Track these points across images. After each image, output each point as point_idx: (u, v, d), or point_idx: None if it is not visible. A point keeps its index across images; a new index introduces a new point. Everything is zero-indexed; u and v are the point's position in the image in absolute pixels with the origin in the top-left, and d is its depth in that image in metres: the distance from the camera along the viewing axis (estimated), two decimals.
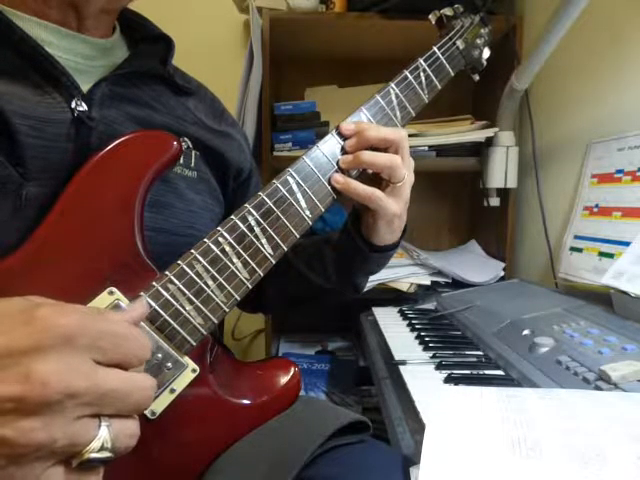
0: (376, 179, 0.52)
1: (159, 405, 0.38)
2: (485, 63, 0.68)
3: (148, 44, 0.53)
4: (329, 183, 0.49)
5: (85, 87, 0.45)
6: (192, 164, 0.52)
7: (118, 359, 0.29)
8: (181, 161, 0.51)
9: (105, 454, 0.28)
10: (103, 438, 0.28)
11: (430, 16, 0.65)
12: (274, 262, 0.45)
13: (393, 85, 0.55)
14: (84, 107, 0.43)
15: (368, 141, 0.49)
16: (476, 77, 0.67)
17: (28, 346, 0.26)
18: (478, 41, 0.65)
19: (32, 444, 0.25)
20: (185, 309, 0.40)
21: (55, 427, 0.26)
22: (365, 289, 1.04)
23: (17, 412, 0.25)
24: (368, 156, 0.48)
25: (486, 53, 0.67)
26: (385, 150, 0.50)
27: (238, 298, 0.43)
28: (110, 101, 0.46)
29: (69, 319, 0.27)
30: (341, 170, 0.49)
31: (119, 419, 0.29)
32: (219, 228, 0.42)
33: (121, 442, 0.29)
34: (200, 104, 0.58)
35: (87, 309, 0.31)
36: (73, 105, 0.43)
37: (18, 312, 0.27)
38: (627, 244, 0.73)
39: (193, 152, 0.53)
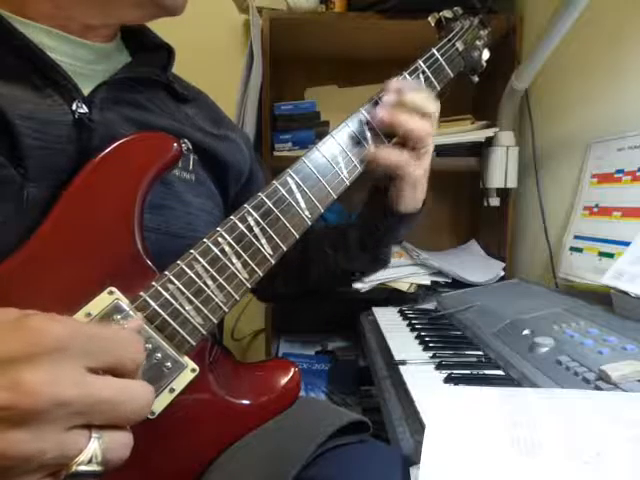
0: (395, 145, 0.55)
1: (158, 405, 0.38)
2: (485, 65, 0.68)
3: (149, 51, 0.54)
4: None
5: (86, 90, 0.45)
6: (190, 167, 0.53)
7: (111, 363, 0.29)
8: (179, 164, 0.51)
9: (94, 467, 0.27)
10: (92, 450, 0.27)
11: (429, 18, 0.65)
12: (274, 262, 0.45)
13: None
14: (85, 109, 0.44)
15: (404, 104, 0.51)
16: (475, 79, 0.67)
17: (18, 354, 0.26)
18: (477, 43, 0.65)
19: (20, 456, 0.25)
20: (185, 309, 0.40)
21: (44, 438, 0.25)
22: (365, 289, 1.06)
23: (5, 422, 0.25)
24: (404, 117, 0.51)
25: (485, 55, 0.67)
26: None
27: (238, 298, 0.43)
28: (111, 104, 0.46)
29: (60, 326, 0.27)
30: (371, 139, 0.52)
31: (111, 430, 0.28)
32: (218, 228, 0.42)
33: (112, 455, 0.28)
34: (199, 111, 0.58)
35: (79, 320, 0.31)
36: (74, 107, 0.43)
37: (8, 320, 0.27)
38: (627, 244, 0.73)
39: (191, 156, 0.53)
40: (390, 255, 0.67)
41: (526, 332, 0.65)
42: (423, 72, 0.58)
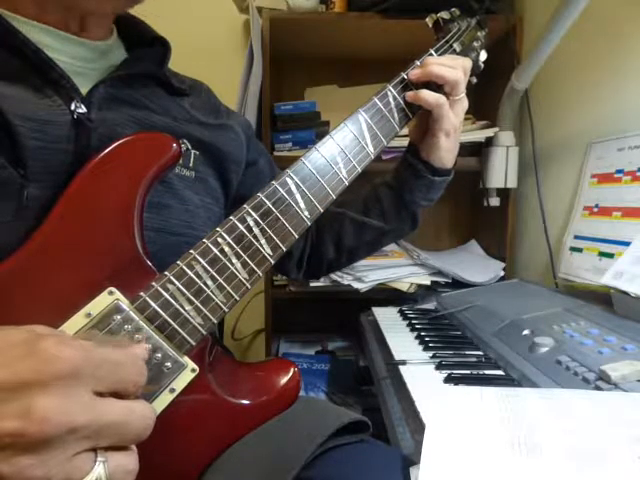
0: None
1: (159, 405, 0.38)
2: (482, 66, 0.68)
3: (145, 47, 0.54)
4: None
5: (84, 89, 0.45)
6: (190, 164, 0.53)
7: (115, 387, 0.29)
8: (180, 161, 0.51)
9: None
10: (97, 475, 0.27)
11: (427, 19, 0.65)
12: (273, 262, 0.45)
13: (390, 87, 0.56)
14: (83, 109, 0.44)
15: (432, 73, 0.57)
16: (473, 80, 0.67)
17: (30, 380, 0.26)
18: (475, 44, 0.65)
19: None
20: (185, 309, 0.40)
21: (51, 464, 0.25)
22: (365, 289, 1.06)
23: (15, 448, 0.25)
24: (437, 68, 0.56)
25: (483, 56, 0.67)
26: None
27: (238, 298, 0.43)
28: (109, 103, 0.46)
29: (72, 352, 0.27)
30: (410, 86, 0.57)
31: (117, 454, 0.29)
32: (218, 229, 0.42)
33: (118, 479, 0.28)
34: (196, 101, 0.58)
35: (88, 339, 0.31)
36: (73, 107, 0.43)
37: (20, 344, 0.27)
38: (627, 244, 0.73)
39: (192, 152, 0.53)
40: (420, 218, 0.71)
41: (526, 332, 0.65)
42: None
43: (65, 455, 0.26)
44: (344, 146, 0.51)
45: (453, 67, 0.57)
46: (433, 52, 0.60)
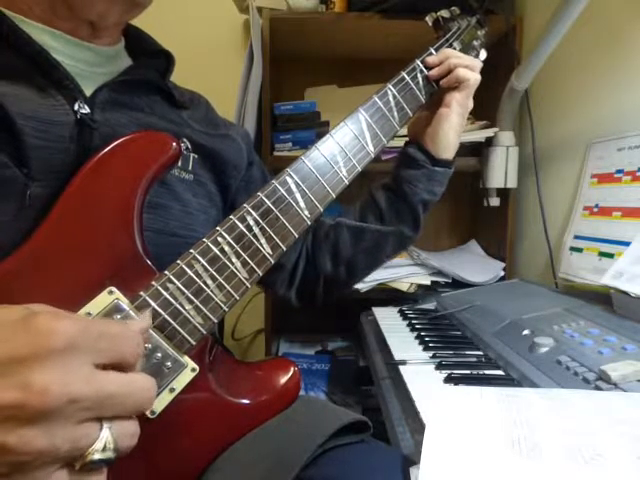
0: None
1: (159, 404, 0.38)
2: (482, 64, 0.68)
3: (150, 57, 0.55)
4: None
5: (88, 92, 0.46)
6: (189, 167, 0.53)
7: (115, 358, 0.29)
8: (179, 164, 0.51)
9: (108, 455, 0.28)
10: (105, 439, 0.28)
11: (427, 18, 0.65)
12: (273, 262, 0.45)
13: (390, 86, 0.56)
14: (87, 110, 0.44)
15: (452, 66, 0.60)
16: None
17: (28, 353, 0.26)
18: (475, 43, 0.66)
19: (34, 451, 0.25)
20: (185, 308, 0.40)
21: (56, 433, 0.26)
22: (365, 289, 1.06)
23: (17, 420, 0.25)
24: (455, 58, 0.59)
25: (483, 55, 0.67)
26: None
27: (238, 298, 0.43)
28: (112, 105, 0.47)
29: (69, 324, 0.27)
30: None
31: (120, 420, 0.29)
32: (218, 228, 0.42)
33: (123, 442, 0.29)
34: (195, 114, 0.58)
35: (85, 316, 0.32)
36: (76, 107, 0.44)
37: (16, 319, 0.27)
38: (627, 244, 0.73)
39: (191, 155, 0.53)
40: (421, 218, 0.68)
41: (526, 332, 0.65)
42: (421, 71, 0.59)
43: (69, 425, 0.26)
44: (344, 145, 0.51)
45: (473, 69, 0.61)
46: (433, 51, 0.60)
